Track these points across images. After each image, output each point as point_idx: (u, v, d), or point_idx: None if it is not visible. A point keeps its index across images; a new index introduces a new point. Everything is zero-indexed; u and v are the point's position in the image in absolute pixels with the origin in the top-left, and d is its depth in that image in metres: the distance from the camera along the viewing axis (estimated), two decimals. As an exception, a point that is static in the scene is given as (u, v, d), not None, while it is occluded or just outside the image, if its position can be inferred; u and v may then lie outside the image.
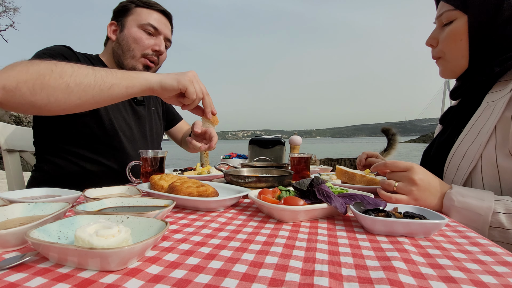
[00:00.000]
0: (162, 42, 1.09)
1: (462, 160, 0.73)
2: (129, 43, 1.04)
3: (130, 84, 0.71)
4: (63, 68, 0.66)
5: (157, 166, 0.87)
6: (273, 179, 0.81)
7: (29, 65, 0.65)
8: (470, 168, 0.70)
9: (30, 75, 0.63)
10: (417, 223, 0.44)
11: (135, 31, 1.04)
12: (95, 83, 0.67)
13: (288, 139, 1.53)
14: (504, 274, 0.32)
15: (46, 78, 0.64)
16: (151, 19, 1.05)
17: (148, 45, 1.05)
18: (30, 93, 0.63)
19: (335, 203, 0.53)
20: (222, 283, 0.30)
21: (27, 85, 0.63)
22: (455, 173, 0.74)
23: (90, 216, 0.41)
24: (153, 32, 1.06)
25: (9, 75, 0.63)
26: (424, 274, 0.32)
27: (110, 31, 1.08)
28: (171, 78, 0.73)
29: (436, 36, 0.83)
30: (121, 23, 1.06)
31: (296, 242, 0.42)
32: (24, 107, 0.65)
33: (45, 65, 0.65)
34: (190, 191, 0.62)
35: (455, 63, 0.81)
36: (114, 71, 0.71)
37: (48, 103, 0.65)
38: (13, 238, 0.36)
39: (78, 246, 0.30)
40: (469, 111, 0.80)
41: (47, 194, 0.65)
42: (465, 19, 0.75)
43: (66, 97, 0.65)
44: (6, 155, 1.14)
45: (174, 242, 0.41)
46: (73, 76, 0.65)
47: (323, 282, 0.30)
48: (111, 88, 0.69)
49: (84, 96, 0.67)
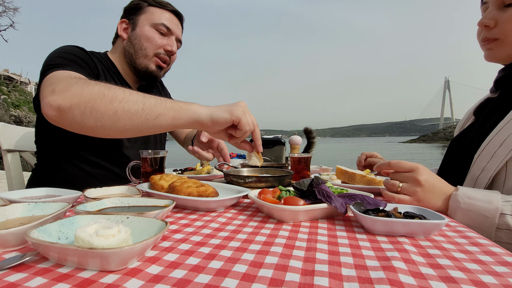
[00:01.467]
0: (174, 43, 1.08)
1: (500, 147, 0.68)
2: (141, 42, 1.03)
3: (177, 116, 0.67)
4: (115, 93, 0.66)
5: (157, 166, 0.87)
6: (273, 179, 0.81)
7: (84, 86, 0.66)
8: (508, 157, 0.66)
9: (83, 97, 0.65)
10: (417, 223, 0.44)
11: (147, 30, 1.03)
12: (142, 112, 0.65)
13: (288, 139, 1.53)
14: (504, 274, 0.32)
15: (97, 102, 0.64)
16: (164, 19, 1.05)
17: (160, 45, 1.05)
18: (81, 116, 0.65)
19: (335, 203, 0.53)
20: (222, 283, 0.30)
21: (79, 108, 0.64)
22: (489, 161, 0.70)
23: (90, 216, 0.41)
24: (166, 32, 1.05)
25: (65, 96, 0.65)
26: (424, 274, 0.32)
27: (121, 29, 1.06)
28: (223, 110, 0.67)
29: (495, 16, 0.75)
30: (133, 21, 1.05)
31: (296, 242, 0.42)
32: (74, 127, 0.68)
33: (99, 88, 0.66)
34: (190, 191, 0.62)
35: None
36: (163, 100, 0.68)
37: (95, 127, 0.66)
38: (13, 238, 0.36)
39: (78, 246, 0.30)
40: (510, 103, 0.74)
41: (47, 194, 0.65)
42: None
43: (112, 123, 0.65)
44: (6, 155, 1.14)
45: (174, 242, 0.41)
46: (122, 103, 0.65)
47: (323, 282, 0.30)
48: (157, 118, 0.66)
49: (129, 124, 0.66)
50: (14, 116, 14.40)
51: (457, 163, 0.83)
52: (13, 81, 18.53)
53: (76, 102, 0.64)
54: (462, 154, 0.82)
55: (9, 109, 14.68)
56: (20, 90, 18.42)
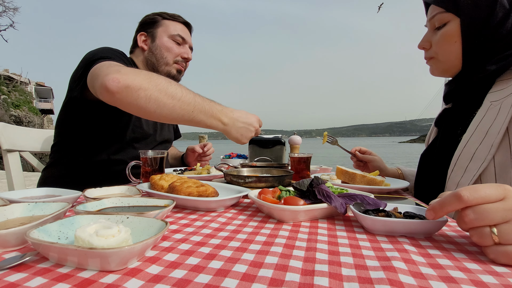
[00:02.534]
0: (189, 50, 1.25)
1: (470, 162, 0.70)
2: (162, 52, 1.17)
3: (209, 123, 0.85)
4: (176, 90, 0.78)
5: (157, 166, 0.87)
6: (273, 179, 0.81)
7: (151, 76, 0.76)
8: (480, 170, 0.67)
9: (151, 85, 0.74)
10: (417, 223, 0.44)
11: (166, 41, 1.18)
12: (192, 113, 0.80)
13: (288, 139, 1.53)
14: (504, 274, 0.32)
15: (162, 94, 0.75)
16: (178, 30, 1.20)
17: (178, 53, 1.20)
18: (145, 100, 0.74)
19: (335, 203, 0.53)
20: (222, 283, 0.30)
21: (145, 93, 0.73)
22: (462, 175, 0.71)
23: (90, 216, 0.41)
24: (181, 42, 1.21)
25: (135, 79, 0.73)
26: (424, 274, 0.32)
27: (141, 41, 1.20)
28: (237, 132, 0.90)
29: (429, 39, 0.82)
30: (151, 34, 1.19)
31: (296, 242, 0.42)
32: (131, 107, 0.75)
33: (164, 81, 0.77)
34: (190, 191, 0.62)
35: (449, 64, 0.80)
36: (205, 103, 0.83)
37: (153, 113, 0.76)
38: (13, 238, 0.36)
39: (78, 246, 0.30)
40: (468, 112, 0.79)
41: (47, 194, 0.65)
42: (457, 21, 0.74)
43: (168, 113, 0.77)
44: (6, 155, 1.14)
45: (174, 242, 0.41)
46: (180, 101, 0.78)
47: (323, 282, 0.30)
48: (200, 122, 0.83)
49: (180, 118, 0.79)
50: (14, 116, 14.40)
51: (431, 179, 0.84)
52: (13, 81, 18.51)
53: (145, 87, 0.73)
54: (434, 169, 0.83)
55: (9, 109, 14.68)
56: (20, 90, 18.40)
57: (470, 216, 0.37)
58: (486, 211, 0.36)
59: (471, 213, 0.37)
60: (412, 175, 1.06)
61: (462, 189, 0.37)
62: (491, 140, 0.67)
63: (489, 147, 0.67)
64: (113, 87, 0.72)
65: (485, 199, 0.36)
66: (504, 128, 0.65)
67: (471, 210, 0.37)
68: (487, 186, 0.37)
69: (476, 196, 0.36)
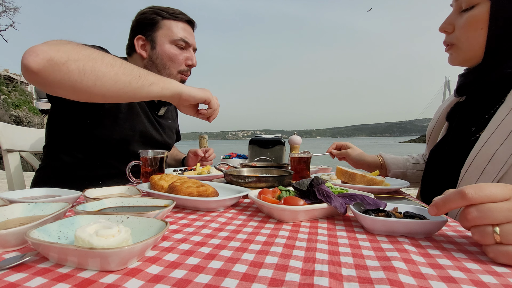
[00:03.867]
0: (193, 55, 1.11)
1: (489, 164, 0.64)
2: (164, 62, 1.05)
3: (165, 86, 0.77)
4: (113, 59, 0.68)
5: (157, 166, 0.87)
6: (273, 179, 0.81)
7: (80, 47, 0.65)
8: (501, 174, 0.62)
9: (82, 55, 0.63)
10: (417, 223, 0.44)
11: (168, 48, 1.04)
12: (139, 77, 0.71)
13: (288, 139, 1.53)
14: (504, 274, 0.32)
15: (98, 63, 0.64)
16: (181, 33, 1.06)
17: (182, 61, 1.07)
18: (79, 72, 0.62)
19: (335, 203, 0.53)
20: (222, 283, 0.30)
21: (77, 64, 0.61)
22: (479, 177, 0.66)
23: (90, 216, 0.41)
24: (185, 46, 1.07)
25: (59, 49, 0.60)
26: (424, 274, 0.32)
27: (138, 46, 1.06)
28: (198, 90, 0.84)
29: (453, 21, 0.75)
30: (151, 38, 1.04)
31: (296, 242, 0.42)
32: (62, 85, 0.62)
33: (96, 52, 0.66)
34: (190, 191, 0.62)
35: (470, 53, 0.74)
36: (151, 73, 0.76)
37: (93, 87, 0.64)
38: (13, 238, 0.36)
39: (78, 246, 0.30)
40: (485, 108, 0.73)
41: (47, 194, 0.65)
42: (487, 5, 0.68)
43: (112, 84, 0.66)
44: (6, 155, 1.14)
45: (174, 242, 0.41)
46: (122, 68, 0.68)
47: (323, 282, 0.30)
48: (151, 85, 0.73)
49: (128, 87, 0.69)
50: (14, 116, 14.41)
51: (441, 177, 0.80)
52: (13, 81, 18.52)
53: (74, 58, 0.61)
54: (445, 167, 0.79)
55: (9, 109, 14.69)
56: (20, 90, 18.41)
57: (473, 214, 0.36)
58: (490, 210, 0.35)
59: (474, 211, 0.36)
60: (394, 163, 1.03)
61: (466, 187, 0.37)
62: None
63: (511, 150, 0.62)
64: (33, 63, 0.57)
65: (490, 198, 0.36)
66: None
67: (474, 208, 0.36)
68: (493, 185, 0.36)
69: (480, 194, 0.36)
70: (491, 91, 0.73)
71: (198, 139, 1.65)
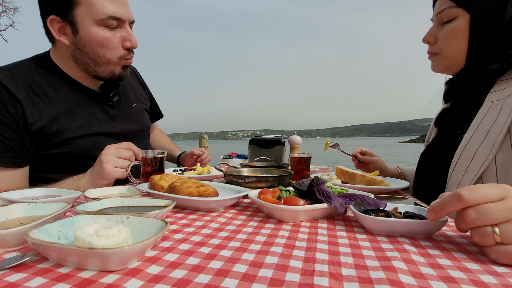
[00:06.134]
0: (130, 32, 0.88)
1: (472, 161, 0.70)
2: (94, 49, 0.84)
3: None
4: None
5: (157, 166, 0.87)
6: (273, 179, 0.81)
7: None
8: (482, 170, 0.67)
9: None
10: (417, 223, 0.44)
11: (95, 32, 0.82)
12: None
13: (288, 139, 1.53)
14: (504, 274, 0.32)
15: None
16: (108, 8, 0.81)
17: (118, 45, 0.87)
18: None
19: (335, 203, 0.53)
20: (222, 283, 0.30)
21: None
22: (463, 175, 0.71)
23: (90, 216, 0.41)
24: (118, 24, 0.84)
25: None
26: (424, 274, 0.32)
27: (55, 31, 0.83)
28: (93, 184, 0.79)
29: (435, 33, 0.81)
30: (69, 19, 0.81)
31: (296, 242, 0.42)
32: None
33: None
34: (190, 191, 0.62)
35: (452, 61, 0.80)
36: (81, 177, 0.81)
37: None
38: (13, 238, 0.36)
39: (78, 246, 0.30)
40: (468, 112, 0.79)
41: (47, 194, 0.65)
42: (467, 17, 0.74)
43: None
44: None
45: (174, 242, 0.41)
46: None
47: (323, 282, 0.30)
48: None
49: None
50: (14, 116, 14.31)
51: (431, 178, 0.84)
52: (13, 81, 18.44)
53: None
54: (434, 168, 0.83)
55: (9, 109, 14.60)
56: (20, 90, 18.30)
57: (472, 215, 0.36)
58: (488, 211, 0.35)
59: (473, 212, 0.36)
60: (412, 174, 1.06)
61: (462, 189, 0.37)
62: (493, 140, 0.67)
63: (490, 147, 0.67)
64: None
65: (486, 199, 0.36)
66: (506, 128, 0.65)
67: (472, 210, 0.36)
68: (487, 186, 0.37)
69: (477, 196, 0.36)
70: (472, 95, 0.79)
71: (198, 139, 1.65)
